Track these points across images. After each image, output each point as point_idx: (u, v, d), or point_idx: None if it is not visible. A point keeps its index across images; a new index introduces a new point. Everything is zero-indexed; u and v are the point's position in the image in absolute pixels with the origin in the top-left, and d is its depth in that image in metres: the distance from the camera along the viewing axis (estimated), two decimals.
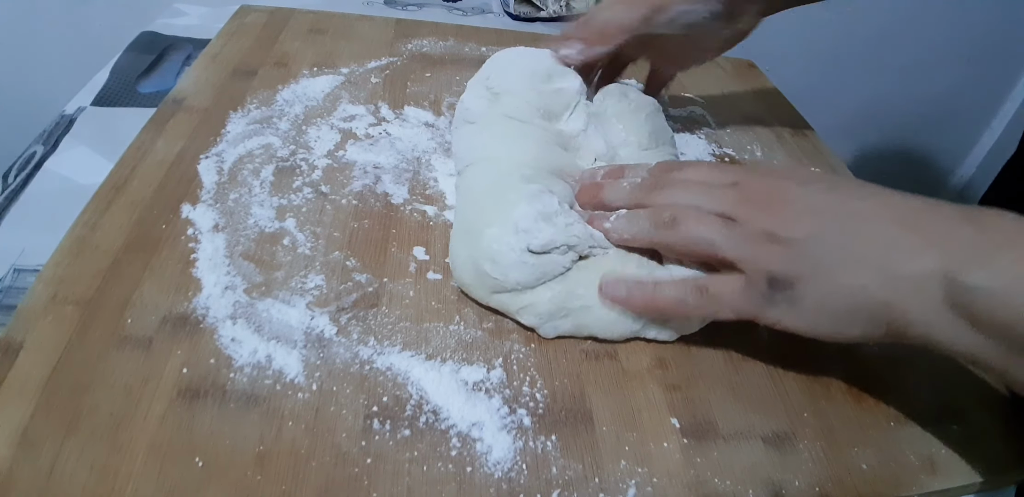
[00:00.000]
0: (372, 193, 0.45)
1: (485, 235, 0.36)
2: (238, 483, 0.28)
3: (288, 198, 0.43)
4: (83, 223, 0.39)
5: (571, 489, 0.30)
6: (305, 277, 0.38)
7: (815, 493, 0.32)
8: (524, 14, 0.80)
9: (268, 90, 0.53)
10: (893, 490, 0.33)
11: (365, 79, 0.56)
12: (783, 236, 0.32)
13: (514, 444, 0.32)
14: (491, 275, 0.36)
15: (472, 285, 0.37)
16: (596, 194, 0.39)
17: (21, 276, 0.39)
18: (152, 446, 0.29)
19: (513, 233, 0.35)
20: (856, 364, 0.39)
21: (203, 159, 0.45)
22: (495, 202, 0.38)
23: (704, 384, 0.36)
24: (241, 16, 0.63)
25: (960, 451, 0.35)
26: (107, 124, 0.52)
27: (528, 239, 0.35)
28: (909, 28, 1.15)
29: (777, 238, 0.32)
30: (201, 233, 0.39)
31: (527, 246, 0.35)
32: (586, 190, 0.40)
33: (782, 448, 0.34)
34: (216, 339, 0.34)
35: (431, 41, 0.64)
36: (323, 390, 0.32)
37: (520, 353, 0.36)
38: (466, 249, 0.37)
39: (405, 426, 0.32)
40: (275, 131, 0.49)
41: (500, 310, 0.37)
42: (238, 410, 0.31)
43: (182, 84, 0.52)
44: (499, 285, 0.36)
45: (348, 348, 0.35)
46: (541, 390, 0.34)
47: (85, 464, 0.28)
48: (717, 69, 0.70)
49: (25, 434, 0.29)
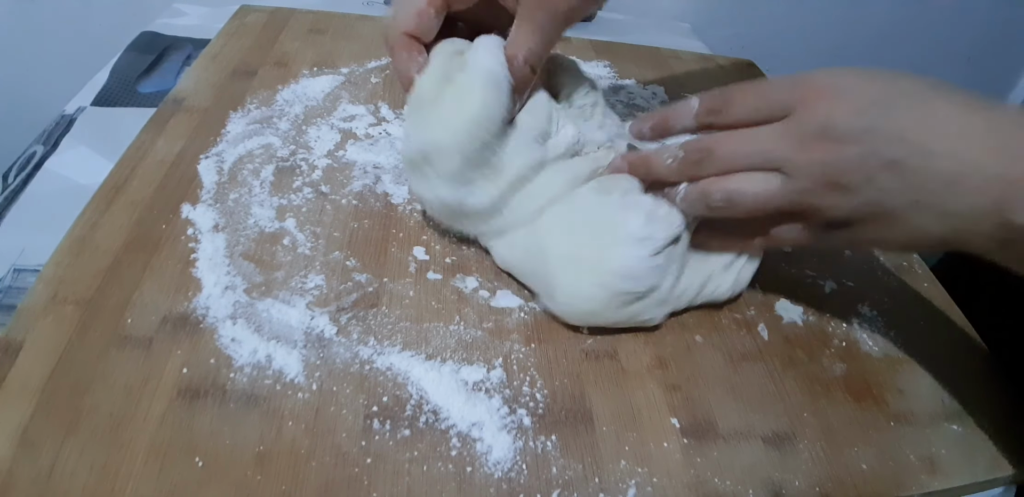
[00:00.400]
0: (372, 193, 0.45)
1: (612, 257, 0.35)
2: (238, 483, 0.28)
3: (288, 198, 0.43)
4: (83, 223, 0.39)
5: (571, 489, 0.30)
6: (305, 277, 0.38)
7: (815, 493, 0.32)
8: None
9: (268, 90, 0.53)
10: (893, 490, 0.33)
11: (365, 79, 0.56)
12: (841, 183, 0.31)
13: (514, 444, 0.32)
14: (629, 290, 0.35)
15: (601, 310, 0.36)
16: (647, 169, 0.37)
17: (21, 276, 0.39)
18: (152, 446, 0.29)
19: (637, 245, 0.35)
20: (856, 364, 0.39)
21: (203, 159, 0.45)
22: (592, 223, 0.36)
23: (704, 384, 0.36)
24: (241, 16, 0.63)
25: (960, 451, 0.35)
26: (107, 124, 0.52)
27: (652, 244, 0.35)
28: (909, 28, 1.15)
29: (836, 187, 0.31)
30: (201, 233, 0.39)
31: (654, 251, 0.35)
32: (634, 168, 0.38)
33: (782, 448, 0.34)
34: (216, 339, 0.34)
35: None
36: (323, 390, 0.32)
37: (520, 353, 0.36)
38: (588, 278, 0.36)
39: (405, 426, 0.32)
40: (275, 131, 0.49)
41: (624, 322, 0.37)
42: (238, 410, 0.31)
43: (182, 84, 0.52)
44: (634, 297, 0.36)
45: (348, 348, 0.35)
46: (541, 390, 0.34)
47: (85, 464, 0.28)
48: (717, 69, 0.70)
49: (25, 434, 0.29)
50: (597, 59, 0.67)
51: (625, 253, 0.35)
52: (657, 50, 0.71)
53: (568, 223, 0.37)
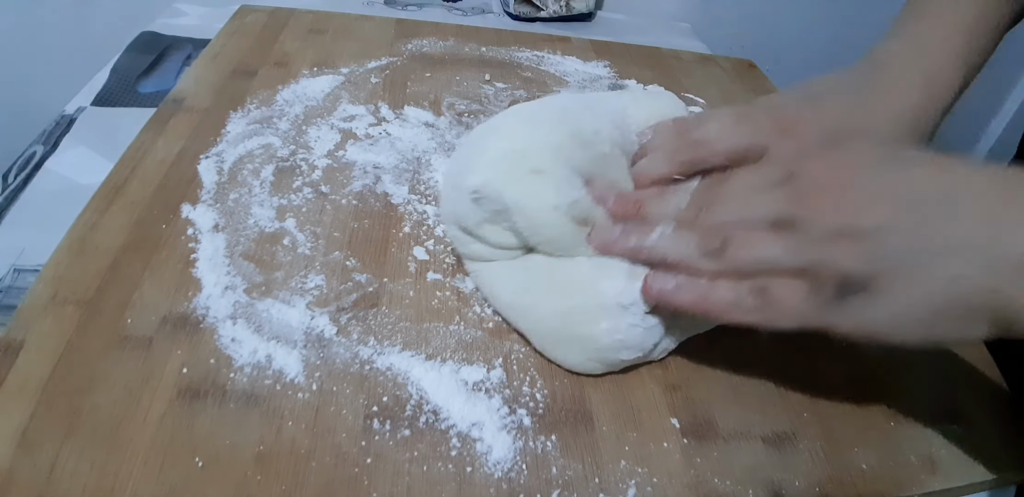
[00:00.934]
0: (372, 193, 0.45)
1: (600, 334, 0.33)
2: (238, 483, 0.28)
3: (288, 198, 0.43)
4: (83, 223, 0.39)
5: (571, 489, 0.30)
6: (305, 277, 0.38)
7: (815, 493, 0.32)
8: (524, 14, 0.80)
9: (268, 90, 0.53)
10: (893, 490, 0.33)
11: (365, 79, 0.56)
12: (854, 228, 0.27)
13: (514, 444, 0.32)
14: (630, 358, 0.34)
15: (598, 368, 0.35)
16: (638, 207, 0.35)
17: (21, 276, 0.39)
18: (152, 446, 0.29)
19: (624, 313, 0.33)
20: (856, 364, 0.39)
21: (203, 159, 0.45)
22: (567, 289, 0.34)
23: (704, 384, 0.36)
24: (241, 16, 0.63)
25: (960, 451, 0.35)
26: (107, 124, 0.52)
27: (639, 307, 0.33)
28: None
29: (847, 233, 0.27)
30: (201, 233, 0.39)
31: (643, 314, 0.33)
32: (625, 202, 0.35)
33: (782, 448, 0.34)
34: (216, 339, 0.34)
35: (431, 41, 0.65)
36: (323, 390, 0.32)
37: (520, 353, 0.36)
38: (582, 354, 0.34)
39: (405, 426, 0.32)
40: (275, 131, 0.49)
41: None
42: (238, 410, 0.31)
43: (182, 84, 0.52)
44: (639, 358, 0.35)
45: (348, 348, 0.35)
46: (541, 390, 0.34)
47: (85, 464, 0.28)
48: (717, 69, 0.70)
49: (25, 434, 0.29)
50: (597, 59, 0.67)
51: (613, 327, 0.33)
52: (657, 50, 0.71)
53: (545, 283, 0.35)
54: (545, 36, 0.71)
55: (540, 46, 0.68)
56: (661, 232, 0.33)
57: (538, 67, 0.64)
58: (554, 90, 0.60)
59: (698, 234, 0.32)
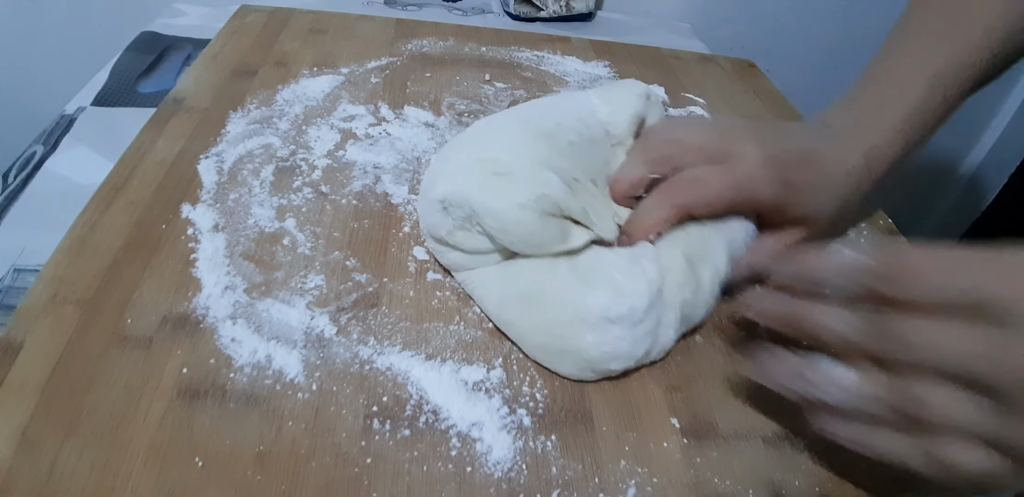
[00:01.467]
0: (372, 193, 0.45)
1: (589, 347, 0.33)
2: (238, 483, 0.28)
3: (288, 198, 0.43)
4: (83, 223, 0.39)
5: (571, 489, 0.30)
6: (305, 277, 0.38)
7: (815, 493, 0.32)
8: (524, 14, 0.80)
9: (268, 90, 0.53)
10: (893, 490, 0.33)
11: (365, 79, 0.56)
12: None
13: (514, 444, 0.32)
14: (622, 368, 0.34)
15: (592, 376, 0.35)
16: (802, 312, 0.30)
17: (21, 276, 0.39)
18: (152, 446, 0.29)
19: (612, 327, 0.33)
20: None
21: (203, 159, 0.45)
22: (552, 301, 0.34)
23: (704, 384, 0.36)
24: (241, 16, 0.63)
25: None
26: (107, 124, 0.52)
27: (629, 318, 0.33)
28: None
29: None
30: (201, 233, 0.39)
31: (634, 322, 0.33)
32: (781, 303, 0.31)
33: (782, 448, 0.34)
34: (216, 339, 0.34)
35: (431, 41, 0.65)
36: (323, 390, 0.32)
37: (520, 353, 0.36)
38: (575, 365, 0.34)
39: (405, 426, 0.32)
40: (275, 131, 0.49)
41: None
42: (238, 410, 0.31)
43: (182, 84, 0.52)
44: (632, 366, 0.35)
45: (348, 348, 0.35)
46: (541, 390, 0.34)
47: (85, 464, 0.28)
48: (717, 69, 0.70)
49: (25, 434, 0.29)
50: (597, 59, 0.67)
51: (600, 340, 0.33)
52: (657, 50, 0.71)
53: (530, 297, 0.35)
54: (545, 36, 0.71)
55: (540, 46, 0.68)
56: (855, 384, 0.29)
57: (538, 67, 0.64)
58: (554, 90, 0.60)
59: (892, 387, 0.28)
